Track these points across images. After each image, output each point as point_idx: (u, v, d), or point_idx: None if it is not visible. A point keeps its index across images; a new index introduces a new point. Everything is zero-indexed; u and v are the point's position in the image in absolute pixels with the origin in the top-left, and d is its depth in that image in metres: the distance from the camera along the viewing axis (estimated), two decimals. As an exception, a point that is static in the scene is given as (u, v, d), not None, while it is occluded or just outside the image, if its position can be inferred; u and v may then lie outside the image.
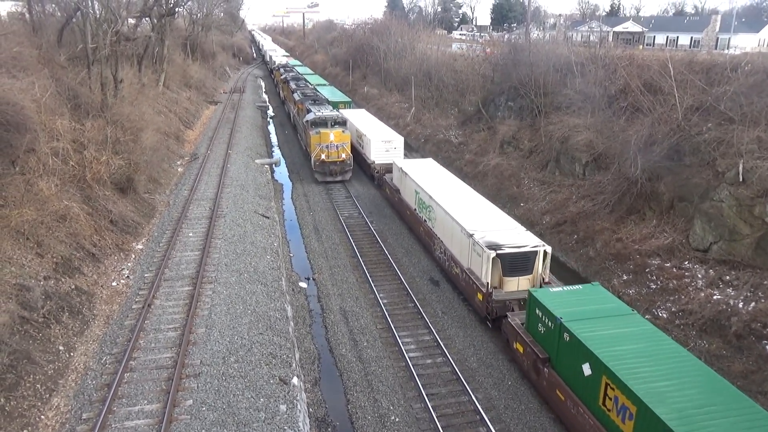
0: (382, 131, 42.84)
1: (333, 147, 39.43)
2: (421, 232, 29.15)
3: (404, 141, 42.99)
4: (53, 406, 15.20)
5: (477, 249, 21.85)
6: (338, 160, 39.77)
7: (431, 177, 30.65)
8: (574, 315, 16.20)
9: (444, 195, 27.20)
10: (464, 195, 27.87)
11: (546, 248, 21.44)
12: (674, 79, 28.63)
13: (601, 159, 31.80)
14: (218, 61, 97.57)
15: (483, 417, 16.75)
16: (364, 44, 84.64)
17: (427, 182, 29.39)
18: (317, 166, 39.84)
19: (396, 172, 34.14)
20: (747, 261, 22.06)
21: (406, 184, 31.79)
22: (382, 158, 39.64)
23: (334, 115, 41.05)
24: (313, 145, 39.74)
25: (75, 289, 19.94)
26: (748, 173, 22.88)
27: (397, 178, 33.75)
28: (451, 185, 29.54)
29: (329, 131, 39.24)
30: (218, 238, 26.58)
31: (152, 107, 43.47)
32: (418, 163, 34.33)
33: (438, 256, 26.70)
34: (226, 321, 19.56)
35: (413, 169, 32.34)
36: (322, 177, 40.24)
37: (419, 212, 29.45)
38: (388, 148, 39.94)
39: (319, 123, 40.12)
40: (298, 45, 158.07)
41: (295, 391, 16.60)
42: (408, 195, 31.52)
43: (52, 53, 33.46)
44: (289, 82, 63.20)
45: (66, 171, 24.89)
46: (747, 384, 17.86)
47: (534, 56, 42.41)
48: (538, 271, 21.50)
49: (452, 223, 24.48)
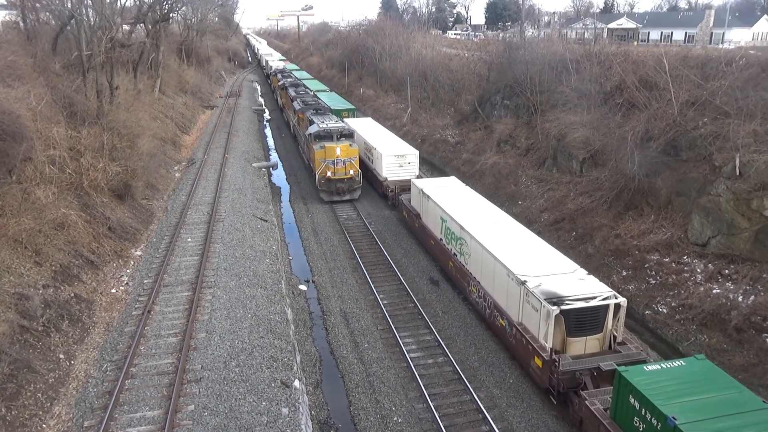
0: (393, 144, 38.79)
1: (340, 163, 35.62)
2: (451, 268, 24.96)
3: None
4: (55, 414, 15.18)
5: (532, 301, 17.64)
6: (346, 177, 35.97)
7: (459, 201, 26.74)
8: (692, 411, 12.05)
9: (479, 225, 23.17)
10: (502, 225, 23.66)
11: (620, 300, 17.15)
12: (669, 75, 28.67)
13: (597, 155, 31.84)
14: (213, 65, 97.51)
15: (485, 416, 16.74)
16: (359, 46, 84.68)
17: (456, 208, 25.46)
18: (322, 184, 36.05)
19: (415, 194, 29.95)
20: (745, 254, 22.09)
21: (428, 209, 27.67)
22: (396, 175, 35.91)
23: (340, 127, 37.14)
24: (317, 161, 35.93)
25: (74, 297, 19.92)
26: (744, 167, 22.91)
27: (417, 201, 29.55)
28: (484, 211, 25.44)
29: (335, 145, 35.38)
30: (217, 242, 26.56)
31: (148, 113, 43.43)
32: (441, 184, 30.15)
33: (474, 300, 22.52)
34: (226, 325, 19.54)
35: (436, 190, 28.19)
36: (328, 196, 36.34)
37: (447, 244, 25.26)
38: (401, 163, 36.07)
39: (323, 136, 36.35)
40: (293, 48, 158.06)
41: (297, 394, 16.58)
42: (431, 221, 27.33)
43: (47, 61, 33.43)
44: (287, 88, 58.97)
45: (63, 179, 24.87)
46: (748, 377, 17.88)
47: (529, 54, 42.49)
48: (608, 327, 17.36)
49: (494, 263, 20.32)
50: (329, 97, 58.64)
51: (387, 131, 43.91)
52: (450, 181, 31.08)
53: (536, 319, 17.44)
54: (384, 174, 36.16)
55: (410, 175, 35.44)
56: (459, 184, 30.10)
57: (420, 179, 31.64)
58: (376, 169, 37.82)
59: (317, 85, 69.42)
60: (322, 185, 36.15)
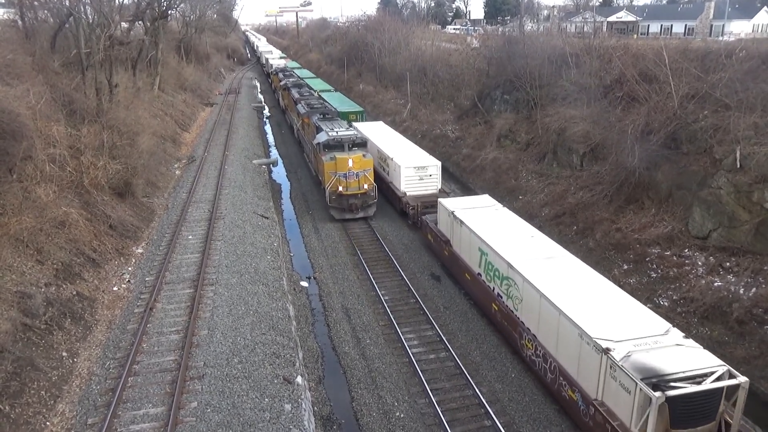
0: (412, 154, 34.45)
1: (352, 176, 31.24)
2: (494, 312, 20.85)
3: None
4: (58, 412, 15.23)
5: (620, 378, 13.77)
6: (359, 192, 31.72)
7: (499, 227, 22.52)
8: None
9: (531, 263, 18.97)
10: (559, 262, 19.23)
11: (739, 380, 13.27)
12: (669, 68, 28.61)
13: (598, 149, 31.80)
14: (213, 62, 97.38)
15: (488, 410, 16.78)
16: (359, 41, 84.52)
17: (498, 238, 21.27)
18: (333, 201, 31.85)
19: (444, 216, 25.62)
20: (747, 247, 22.09)
21: (461, 236, 23.56)
22: (415, 189, 32.04)
23: (352, 136, 32.69)
24: (327, 174, 31.72)
25: (76, 295, 19.95)
26: (745, 159, 22.88)
27: (446, 224, 25.30)
28: (534, 243, 21.04)
29: (347, 156, 31.12)
30: (218, 239, 26.58)
31: (148, 111, 43.39)
32: (473, 204, 25.67)
33: (529, 357, 18.39)
34: (228, 322, 19.57)
35: (470, 213, 23.96)
36: (339, 214, 32.34)
37: (488, 281, 21.21)
38: (422, 176, 32.08)
39: (333, 146, 32.04)
40: (292, 44, 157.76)
41: (300, 390, 16.63)
42: (466, 251, 23.27)
43: (45, 59, 33.37)
44: (290, 89, 54.83)
45: (63, 177, 24.86)
46: (750, 369, 17.91)
47: (529, 49, 42.38)
48: (720, 413, 13.76)
49: (558, 317, 16.23)
50: (334, 97, 54.85)
51: (402, 137, 39.80)
52: (483, 200, 26.51)
53: (627, 402, 13.62)
54: (402, 188, 32.14)
55: (432, 189, 31.99)
56: (495, 205, 25.58)
57: (449, 199, 26.91)
58: (392, 183, 33.69)
59: (321, 84, 65.78)
60: (333, 201, 31.92)
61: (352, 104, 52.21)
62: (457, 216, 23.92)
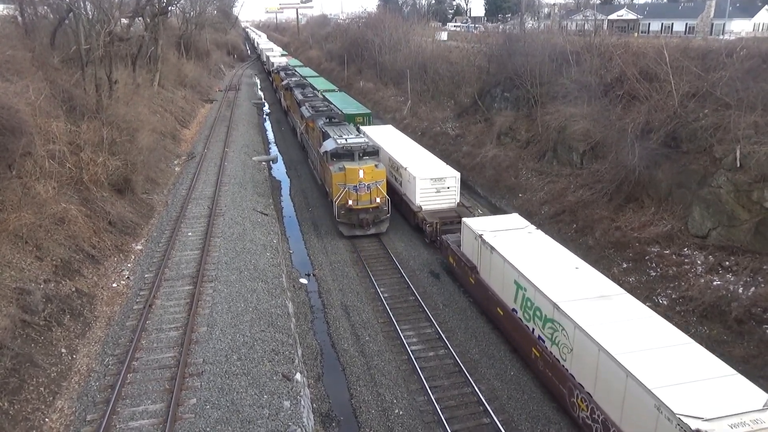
0: (428, 164, 31.34)
1: (363, 188, 28.35)
2: (534, 358, 17.91)
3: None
4: (57, 408, 15.24)
5: None
6: (371, 206, 28.83)
7: (537, 256, 19.51)
8: None
9: (581, 303, 16.17)
10: (617, 304, 16.34)
11: None
12: (670, 66, 28.56)
13: (598, 148, 31.77)
14: (213, 59, 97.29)
15: (486, 408, 16.80)
16: (359, 38, 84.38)
17: (537, 270, 18.33)
18: (342, 216, 28.90)
19: (469, 239, 22.76)
20: (746, 246, 22.09)
21: (491, 264, 20.63)
22: (432, 203, 29.25)
23: (362, 143, 30.07)
24: (335, 186, 28.84)
25: (75, 292, 19.95)
26: (745, 158, 22.87)
27: (472, 248, 22.42)
28: (581, 277, 18.08)
29: (358, 166, 28.30)
30: (217, 236, 26.57)
31: (148, 107, 43.35)
32: (502, 224, 22.62)
33: (582, 419, 15.43)
34: (227, 319, 19.58)
35: (501, 238, 20.98)
36: (348, 230, 29.32)
37: (527, 320, 18.31)
38: (438, 188, 29.20)
39: (342, 155, 29.36)
40: (292, 41, 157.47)
41: (299, 387, 16.65)
42: (497, 281, 20.26)
43: (45, 56, 33.33)
44: (292, 89, 51.96)
45: (63, 173, 24.85)
46: (748, 369, 17.91)
47: (529, 46, 42.31)
48: None
49: (625, 380, 13.39)
50: (338, 98, 51.81)
51: (415, 144, 36.96)
52: (513, 220, 23.36)
53: None
54: (417, 202, 29.16)
55: (450, 202, 29.46)
56: (527, 227, 22.46)
57: (474, 220, 23.91)
58: (406, 195, 30.67)
59: (324, 83, 62.80)
60: (342, 216, 28.93)
61: (358, 106, 49.16)
62: (486, 240, 20.93)
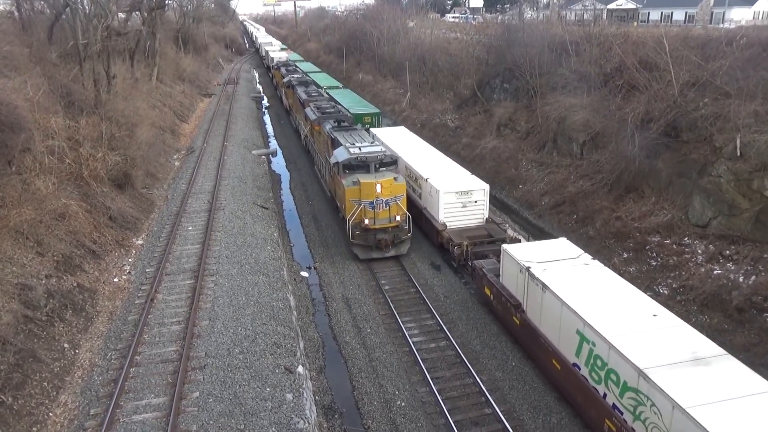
0: (451, 175, 27.36)
1: (381, 204, 24.92)
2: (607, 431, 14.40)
3: None
4: (61, 403, 15.30)
5: None
6: (390, 225, 25.37)
7: (603, 298, 15.91)
8: None
9: (678, 372, 12.84)
10: (721, 370, 12.94)
11: None
12: (670, 56, 28.47)
13: (598, 138, 31.73)
14: (211, 53, 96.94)
15: (488, 398, 16.87)
16: (357, 31, 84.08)
17: (609, 319, 14.77)
18: (357, 236, 25.43)
19: (512, 270, 19.05)
20: (746, 235, 22.11)
21: (543, 304, 17.07)
22: (458, 220, 25.62)
23: (379, 153, 26.23)
24: (349, 202, 25.40)
25: (77, 287, 19.98)
26: (745, 147, 22.84)
27: (516, 281, 18.79)
28: (665, 328, 14.59)
29: (374, 180, 24.69)
30: (218, 230, 26.58)
31: (146, 102, 43.27)
32: (552, 253, 18.79)
33: None
34: (229, 313, 19.63)
35: (555, 272, 17.36)
36: (364, 252, 25.84)
37: (595, 383, 14.87)
38: (464, 202, 25.55)
39: (357, 166, 25.68)
40: (290, 34, 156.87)
41: (301, 380, 16.71)
42: (553, 328, 16.72)
43: (43, 51, 33.24)
44: (295, 88, 48.40)
45: (62, 169, 24.83)
46: (749, 357, 17.97)
47: (528, 37, 42.19)
48: None
49: None
50: (343, 95, 47.94)
51: (432, 149, 32.82)
52: (562, 247, 19.50)
53: None
54: (441, 219, 25.56)
55: (478, 219, 25.92)
56: (580, 255, 18.66)
57: (517, 247, 20.02)
58: (427, 210, 27.04)
59: (327, 79, 59.00)
60: (357, 237, 25.47)
61: (366, 104, 45.15)
62: (535, 275, 17.39)
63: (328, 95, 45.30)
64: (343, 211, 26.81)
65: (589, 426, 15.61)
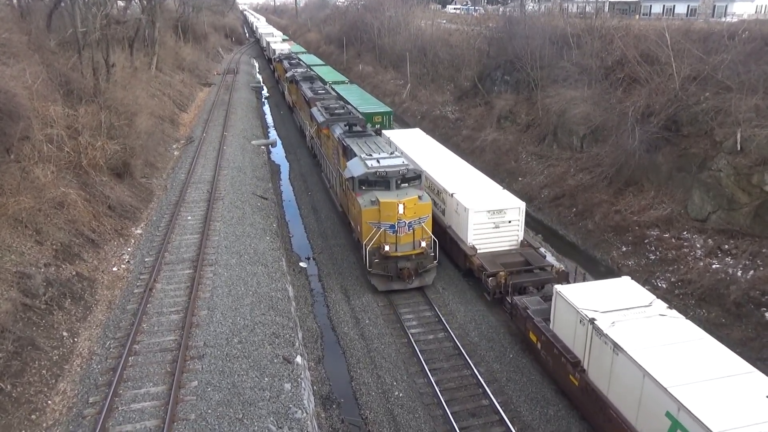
0: (480, 189, 23.90)
1: (404, 227, 21.30)
2: None
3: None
4: (60, 391, 15.34)
5: None
6: (414, 252, 21.88)
7: (691, 361, 12.90)
8: None
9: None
10: None
11: None
12: (671, 49, 28.38)
13: (598, 131, 31.69)
14: (210, 42, 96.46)
15: (485, 390, 16.93)
16: (358, 21, 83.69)
17: (708, 399, 11.68)
18: (375, 265, 21.93)
19: (567, 318, 15.89)
20: (745, 230, 22.14)
21: (615, 369, 13.83)
22: (489, 243, 22.36)
23: (401, 166, 22.18)
24: (365, 225, 21.86)
25: (76, 276, 19.98)
26: (746, 142, 22.82)
27: (572, 332, 15.60)
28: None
29: (396, 200, 21.04)
30: (217, 220, 26.57)
31: (145, 91, 43.09)
32: (617, 297, 15.67)
33: None
34: (228, 303, 19.65)
35: (628, 328, 14.11)
36: (383, 284, 22.28)
37: None
38: (497, 222, 22.22)
39: (375, 182, 21.93)
40: (290, 24, 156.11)
41: (299, 370, 16.76)
42: (626, 399, 13.49)
43: (41, 39, 33.03)
44: (299, 83, 44.92)
45: (61, 158, 24.77)
46: (746, 351, 18.05)
47: (529, 29, 42.03)
48: None
49: None
50: (351, 92, 44.63)
51: (454, 156, 29.09)
52: (628, 290, 16.21)
53: None
54: (470, 241, 22.27)
55: (512, 241, 22.59)
56: (652, 302, 15.41)
57: (573, 289, 16.48)
58: (452, 229, 23.64)
59: (332, 73, 55.51)
60: (375, 266, 21.97)
61: (375, 102, 41.57)
62: (602, 330, 14.03)
63: (337, 94, 41.26)
64: (358, 233, 23.15)
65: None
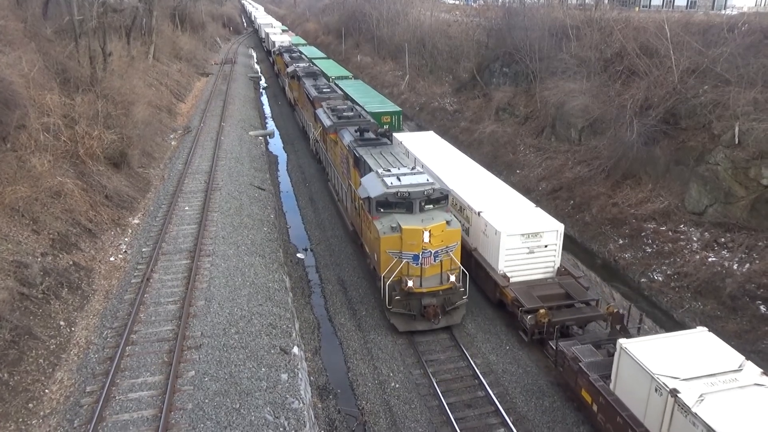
0: (510, 207, 21.00)
1: (429, 258, 18.24)
2: None
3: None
4: (57, 380, 15.36)
5: None
6: (441, 288, 18.66)
7: None
8: None
9: None
10: None
11: None
12: (670, 41, 28.32)
13: (596, 124, 31.66)
14: (208, 31, 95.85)
15: (482, 381, 17.01)
16: (356, 11, 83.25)
17: None
18: (396, 302, 18.73)
19: (635, 381, 13.02)
20: (742, 223, 22.21)
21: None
22: (523, 270, 19.49)
23: (425, 185, 19.03)
24: (384, 254, 18.76)
25: (73, 265, 19.96)
26: (743, 135, 22.83)
27: (643, 399, 12.76)
28: None
29: (421, 226, 17.99)
30: (215, 211, 26.52)
31: (143, 80, 42.86)
32: (697, 359, 12.83)
33: None
34: (225, 293, 19.66)
35: (720, 404, 11.39)
36: (405, 324, 19.12)
37: None
38: (531, 247, 19.27)
39: (395, 203, 18.90)
40: (288, 14, 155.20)
41: (296, 360, 16.81)
42: None
43: (37, 26, 32.80)
44: (302, 80, 42.03)
45: (58, 147, 24.67)
46: (741, 343, 18.15)
47: (529, 21, 41.88)
48: None
49: None
50: (356, 88, 42.03)
51: (477, 166, 25.62)
52: (708, 346, 13.40)
53: None
54: (502, 269, 19.38)
55: (547, 269, 19.71)
56: (741, 366, 12.57)
57: (641, 344, 13.50)
58: (479, 252, 20.66)
59: (335, 67, 53.05)
60: (396, 303, 18.75)
61: (383, 100, 38.65)
62: (690, 409, 11.40)
63: (344, 93, 38.23)
64: (376, 263, 20.00)
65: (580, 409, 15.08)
